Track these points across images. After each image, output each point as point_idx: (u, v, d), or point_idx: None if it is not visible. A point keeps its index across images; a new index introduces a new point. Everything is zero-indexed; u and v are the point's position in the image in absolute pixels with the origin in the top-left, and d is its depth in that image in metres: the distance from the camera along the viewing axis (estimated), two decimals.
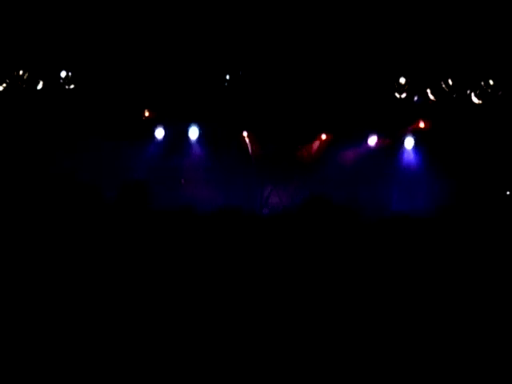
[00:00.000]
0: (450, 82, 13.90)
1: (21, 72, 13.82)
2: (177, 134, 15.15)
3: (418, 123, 14.90)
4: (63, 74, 14.03)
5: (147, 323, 5.59)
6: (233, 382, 5.34)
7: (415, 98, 14.37)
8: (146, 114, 14.93)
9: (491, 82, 13.72)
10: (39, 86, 14.05)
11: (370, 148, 15.35)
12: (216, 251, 6.12)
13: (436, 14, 12.54)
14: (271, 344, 5.52)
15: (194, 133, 15.07)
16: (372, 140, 15.25)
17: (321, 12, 12.78)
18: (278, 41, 13.20)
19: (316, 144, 15.53)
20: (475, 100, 13.96)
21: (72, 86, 14.13)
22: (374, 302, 5.61)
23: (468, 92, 13.94)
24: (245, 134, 15.39)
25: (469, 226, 6.71)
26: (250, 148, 15.44)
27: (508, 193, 14.05)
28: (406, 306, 5.59)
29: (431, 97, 14.21)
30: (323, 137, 15.41)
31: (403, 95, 14.26)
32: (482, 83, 13.78)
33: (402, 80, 14.11)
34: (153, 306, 5.66)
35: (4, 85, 13.85)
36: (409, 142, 15.13)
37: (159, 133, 15.05)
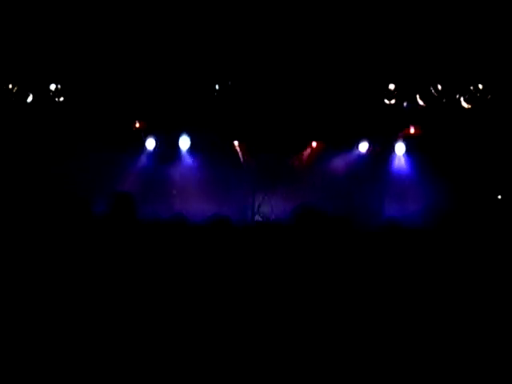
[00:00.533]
0: (439, 86, 13.84)
1: (10, 86, 13.72)
2: (168, 144, 15.05)
3: (409, 129, 14.84)
4: (52, 86, 13.94)
5: (142, 335, 5.47)
6: None
7: (405, 104, 14.31)
8: (137, 124, 14.83)
9: (480, 86, 13.67)
10: (29, 99, 13.96)
11: (361, 155, 15.29)
12: (209, 261, 6.00)
13: (423, 20, 12.46)
14: (263, 357, 5.40)
15: (184, 143, 14.98)
16: (363, 147, 15.18)
17: (309, 20, 12.70)
18: (267, 49, 13.12)
19: (307, 152, 15.46)
20: (465, 104, 13.90)
21: (62, 99, 14.05)
22: (370, 315, 5.50)
23: (457, 96, 13.89)
24: (236, 143, 15.32)
25: (463, 231, 6.60)
26: (241, 157, 15.36)
27: (499, 197, 13.98)
28: (403, 321, 5.48)
29: (421, 102, 14.16)
30: (314, 144, 15.36)
31: (392, 101, 14.21)
32: (471, 87, 13.73)
33: (391, 86, 14.06)
34: (149, 315, 5.54)
35: None
36: (400, 148, 15.07)
37: (150, 143, 14.95)
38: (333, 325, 5.44)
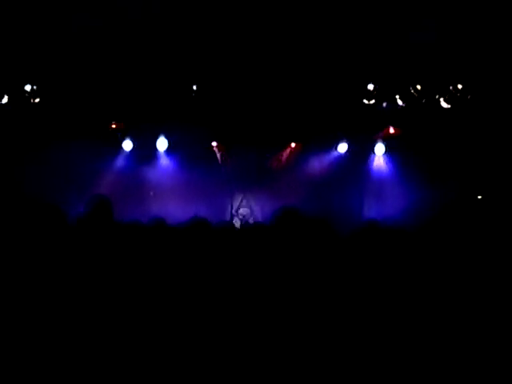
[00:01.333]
0: (419, 87, 13.85)
1: None
2: (145, 145, 14.95)
3: (388, 129, 14.83)
4: (28, 87, 13.82)
5: (124, 344, 5.37)
6: None
7: (384, 104, 14.32)
8: (113, 125, 14.70)
9: (460, 87, 13.69)
10: (4, 101, 13.83)
11: (340, 155, 15.28)
12: (188, 265, 5.91)
13: (404, 20, 12.44)
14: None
15: (162, 144, 14.88)
16: (342, 147, 15.15)
17: (287, 20, 12.64)
18: (245, 50, 13.05)
19: (286, 153, 15.42)
20: (444, 105, 13.93)
21: (37, 100, 13.93)
22: (352, 319, 5.43)
23: (437, 97, 13.91)
24: (214, 144, 15.24)
25: (444, 233, 6.57)
26: (219, 158, 15.29)
27: (479, 197, 14.01)
28: (385, 327, 5.42)
29: (400, 102, 14.18)
30: (293, 145, 15.33)
31: (372, 101, 14.20)
32: (451, 87, 13.75)
33: (370, 86, 14.06)
34: (130, 322, 5.44)
35: None
36: (379, 149, 15.06)
37: (127, 144, 14.83)
38: (315, 330, 5.39)
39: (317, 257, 5.78)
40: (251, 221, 14.86)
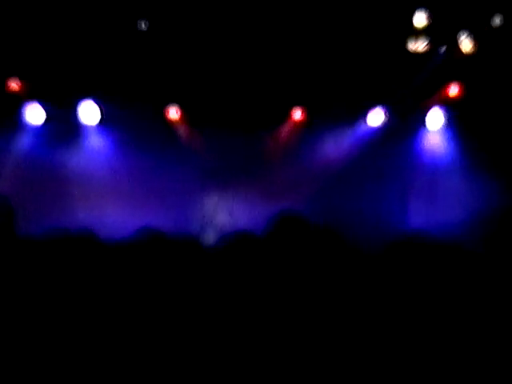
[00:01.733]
0: (498, 20, 13.80)
1: None
2: (63, 115, 15.12)
3: (447, 90, 14.94)
4: None
5: None
6: None
7: (442, 50, 14.32)
8: (13, 85, 14.83)
9: None
10: None
11: (371, 131, 15.44)
12: (132, 299, 6.20)
13: None
14: None
15: (90, 114, 15.11)
16: (374, 118, 15.33)
17: None
18: None
19: (286, 127, 15.58)
20: None
21: None
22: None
23: None
24: (173, 111, 15.30)
25: None
26: (182, 134, 15.40)
27: None
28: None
29: (467, 47, 14.13)
30: (298, 115, 15.45)
31: (421, 46, 14.17)
32: None
33: (420, 19, 14.00)
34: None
35: None
36: (433, 121, 15.23)
37: (34, 115, 15.07)
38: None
39: (329, 284, 6.06)
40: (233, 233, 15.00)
